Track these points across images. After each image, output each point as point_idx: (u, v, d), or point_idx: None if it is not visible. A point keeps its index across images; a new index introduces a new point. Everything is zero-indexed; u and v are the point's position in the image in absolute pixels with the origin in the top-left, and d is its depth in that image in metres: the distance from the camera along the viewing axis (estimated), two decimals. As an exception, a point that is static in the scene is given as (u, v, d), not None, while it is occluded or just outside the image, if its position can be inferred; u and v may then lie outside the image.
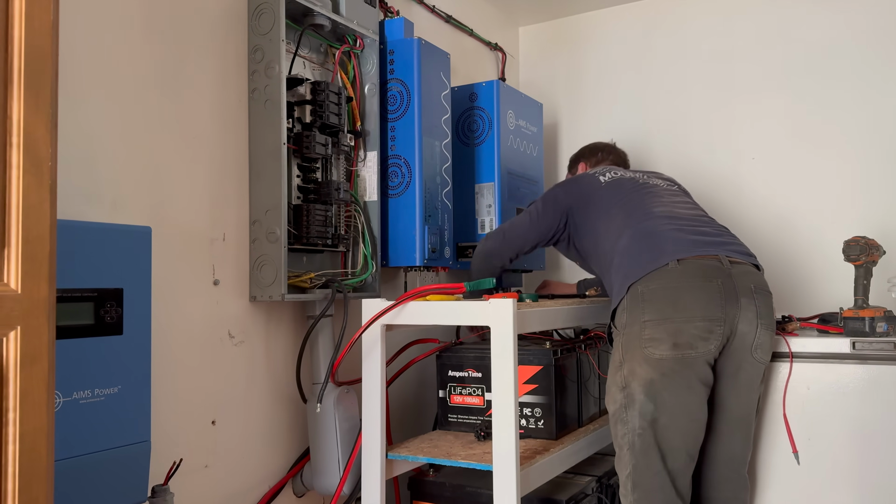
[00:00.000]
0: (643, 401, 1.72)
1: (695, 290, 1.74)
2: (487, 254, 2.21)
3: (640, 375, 1.73)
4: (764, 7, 2.90)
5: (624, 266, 1.85)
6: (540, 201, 2.18)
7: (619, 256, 1.88)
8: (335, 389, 1.95)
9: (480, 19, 3.07)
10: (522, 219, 2.18)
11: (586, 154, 2.54)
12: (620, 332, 1.82)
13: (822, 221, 2.76)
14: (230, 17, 1.86)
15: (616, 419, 1.78)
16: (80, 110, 1.51)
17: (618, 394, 1.77)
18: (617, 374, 1.79)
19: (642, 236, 1.88)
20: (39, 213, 0.90)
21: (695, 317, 1.73)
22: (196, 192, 1.76)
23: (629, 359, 1.76)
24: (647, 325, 1.74)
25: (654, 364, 1.71)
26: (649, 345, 1.73)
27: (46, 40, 0.93)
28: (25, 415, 0.87)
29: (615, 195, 2.06)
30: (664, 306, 1.74)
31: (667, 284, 1.76)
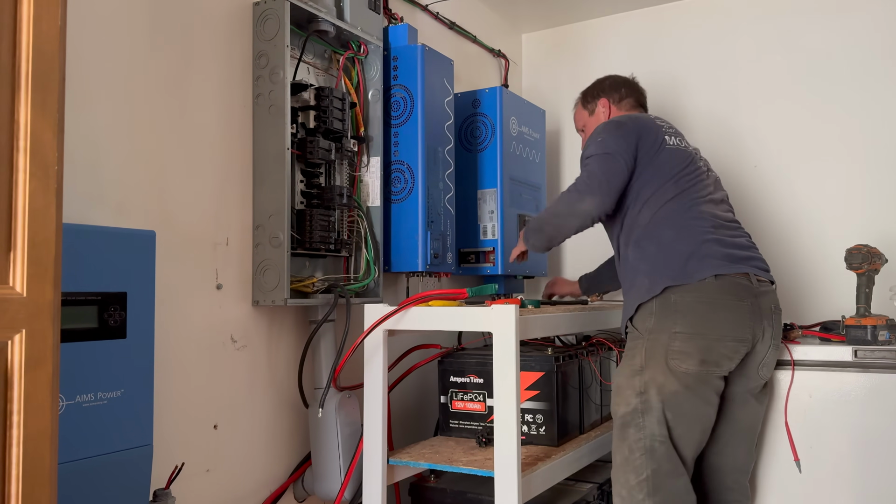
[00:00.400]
0: (663, 409, 1.71)
1: (728, 308, 1.74)
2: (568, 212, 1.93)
3: (663, 385, 1.72)
4: (767, 15, 2.90)
5: (662, 265, 1.79)
6: (601, 136, 1.95)
7: (659, 250, 1.81)
8: (337, 394, 1.95)
9: (484, 26, 3.08)
10: (592, 166, 1.91)
11: (607, 88, 2.28)
12: (643, 335, 1.78)
13: (824, 229, 2.76)
14: (235, 22, 1.87)
15: (628, 422, 1.75)
16: (86, 114, 1.52)
17: (633, 398, 1.75)
18: (635, 378, 1.76)
19: (688, 238, 1.81)
20: (45, 217, 0.91)
21: (726, 336, 1.74)
22: (200, 197, 1.77)
23: (651, 366, 1.74)
24: (678, 337, 1.73)
25: (679, 376, 1.71)
26: (677, 357, 1.71)
27: (54, 45, 0.93)
28: (29, 418, 0.88)
29: (674, 168, 1.91)
30: (697, 321, 1.73)
31: (702, 299, 1.74)
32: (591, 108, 2.29)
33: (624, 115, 2.09)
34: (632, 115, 2.09)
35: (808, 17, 2.83)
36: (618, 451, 1.79)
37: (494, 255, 2.57)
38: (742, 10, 2.95)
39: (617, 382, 1.82)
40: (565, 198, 1.94)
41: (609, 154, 1.89)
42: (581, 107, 2.34)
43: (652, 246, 1.83)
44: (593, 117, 2.27)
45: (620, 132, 1.94)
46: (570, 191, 1.92)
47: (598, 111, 2.26)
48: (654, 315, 1.77)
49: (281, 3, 1.85)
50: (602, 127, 2.00)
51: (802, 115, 2.82)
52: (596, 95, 2.28)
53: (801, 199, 2.81)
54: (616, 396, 1.81)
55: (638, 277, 1.83)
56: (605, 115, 2.22)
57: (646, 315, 1.79)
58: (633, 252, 1.87)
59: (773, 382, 1.97)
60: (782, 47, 2.87)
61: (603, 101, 2.26)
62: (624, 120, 2.01)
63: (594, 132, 2.00)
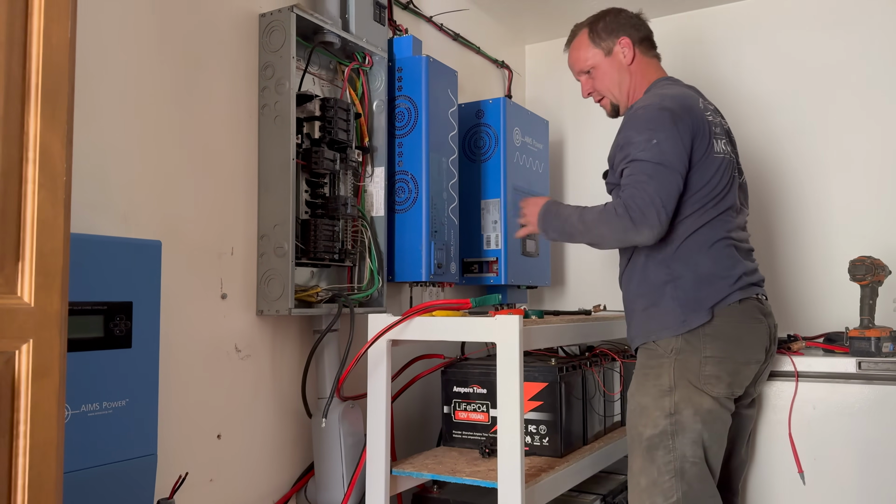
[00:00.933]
0: (699, 430, 1.65)
1: (751, 332, 1.72)
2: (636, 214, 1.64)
3: (699, 405, 1.65)
4: (769, 27, 2.91)
5: (698, 301, 1.68)
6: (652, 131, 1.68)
7: (696, 283, 1.69)
8: (340, 404, 1.95)
9: (487, 37, 3.10)
10: (646, 183, 1.64)
11: (625, 24, 1.90)
12: (668, 355, 1.69)
13: (828, 240, 2.76)
14: (242, 34, 1.88)
15: (656, 444, 1.67)
16: (93, 125, 1.53)
17: (662, 419, 1.67)
18: (664, 399, 1.67)
19: (723, 271, 1.70)
20: (54, 228, 0.91)
21: (750, 360, 1.72)
22: (206, 207, 1.78)
23: (682, 386, 1.67)
24: (709, 361, 1.67)
25: (710, 399, 1.67)
26: (708, 381, 1.66)
27: (63, 57, 0.94)
28: (36, 427, 0.88)
29: (716, 185, 1.73)
30: (727, 346, 1.68)
31: (729, 322, 1.69)
32: (606, 46, 1.89)
33: (672, 98, 1.74)
34: (681, 97, 1.76)
35: (805, 31, 2.84)
36: (643, 473, 1.69)
37: (498, 265, 2.57)
38: (745, 22, 2.96)
39: (641, 402, 1.71)
40: (616, 223, 1.66)
41: (666, 167, 1.65)
42: (589, 42, 1.92)
43: (688, 273, 1.70)
44: (610, 58, 1.90)
45: (677, 130, 1.67)
46: (621, 216, 1.64)
47: (616, 52, 1.89)
48: (682, 336, 1.69)
49: (287, 15, 1.86)
50: (653, 115, 1.70)
51: (806, 125, 2.83)
52: (613, 31, 1.89)
53: (806, 209, 2.82)
54: (640, 417, 1.71)
55: (664, 301, 1.71)
56: (627, 60, 1.88)
57: (673, 335, 1.71)
58: (657, 269, 1.74)
59: (776, 393, 1.97)
60: (785, 59, 2.87)
61: (625, 41, 1.88)
62: (677, 109, 1.71)
63: (641, 119, 1.71)
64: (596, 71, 1.93)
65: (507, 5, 3.02)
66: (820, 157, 2.80)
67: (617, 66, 1.90)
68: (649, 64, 1.92)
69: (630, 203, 1.64)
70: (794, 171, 2.84)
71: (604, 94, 1.96)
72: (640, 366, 1.76)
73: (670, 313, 1.70)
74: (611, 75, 1.92)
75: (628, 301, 1.85)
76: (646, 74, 1.91)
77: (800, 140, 2.84)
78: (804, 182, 2.83)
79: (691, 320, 1.68)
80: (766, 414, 1.99)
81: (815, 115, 2.81)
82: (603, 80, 1.93)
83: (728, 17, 3.00)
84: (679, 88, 1.85)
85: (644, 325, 1.76)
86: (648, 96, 1.82)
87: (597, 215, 1.71)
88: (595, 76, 1.94)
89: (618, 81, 1.92)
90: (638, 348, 1.80)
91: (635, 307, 1.80)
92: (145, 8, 1.65)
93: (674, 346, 1.69)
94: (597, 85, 1.95)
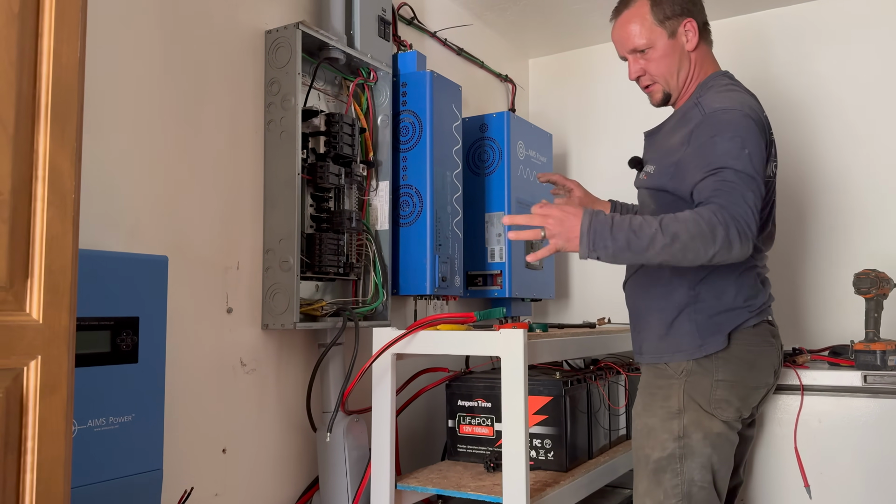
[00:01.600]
0: (708, 454, 1.60)
1: (763, 355, 1.67)
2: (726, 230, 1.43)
3: (709, 429, 1.61)
4: (769, 43, 2.93)
5: (717, 327, 1.62)
6: (741, 135, 1.52)
7: (718, 309, 1.63)
8: (345, 418, 1.95)
9: (491, 52, 3.12)
10: (742, 190, 1.46)
11: (693, 6, 1.71)
12: (677, 376, 1.64)
13: (833, 253, 2.76)
14: (248, 50, 1.90)
15: (664, 467, 1.62)
16: (101, 141, 1.54)
17: (670, 442, 1.62)
18: (672, 422, 1.62)
19: (746, 298, 1.64)
20: (62, 245, 0.92)
21: (760, 384, 1.67)
22: (212, 222, 1.79)
23: (692, 409, 1.61)
24: (720, 385, 1.61)
25: (720, 423, 1.63)
26: (719, 405, 1.61)
27: (73, 76, 0.96)
28: (43, 444, 0.89)
29: (764, 201, 1.62)
30: (739, 369, 1.63)
31: (743, 345, 1.63)
32: (671, 25, 1.68)
33: (751, 108, 1.59)
34: (756, 108, 1.62)
35: (768, 52, 2.85)
36: (648, 495, 1.66)
37: (502, 277, 2.58)
38: (749, 37, 2.98)
39: (648, 423, 1.66)
40: (719, 235, 1.42)
41: (757, 182, 1.49)
42: (651, 17, 1.68)
43: (711, 299, 1.63)
44: (673, 41, 1.69)
45: (762, 145, 1.55)
46: (726, 225, 1.42)
47: (680, 34, 1.69)
48: (693, 359, 1.65)
49: (293, 32, 1.88)
50: (740, 122, 1.54)
51: (813, 139, 2.83)
52: (679, 10, 1.68)
53: (810, 221, 2.82)
54: (647, 438, 1.66)
55: (682, 323, 1.64)
56: (690, 45, 1.69)
57: (685, 359, 1.66)
58: (680, 288, 1.65)
59: (782, 407, 1.96)
60: (790, 71, 2.89)
61: (691, 24, 1.68)
62: (758, 121, 1.57)
63: (725, 123, 1.54)
64: (654, 52, 1.70)
65: (510, 20, 3.04)
66: (825, 170, 2.80)
67: (679, 50, 1.69)
68: (708, 53, 1.74)
69: (736, 214, 1.43)
70: (800, 183, 2.85)
71: (657, 80, 1.73)
72: (647, 384, 1.70)
73: (687, 336, 1.63)
74: (671, 60, 1.70)
75: (639, 312, 1.75)
76: (704, 64, 1.72)
77: (805, 154, 2.84)
78: (809, 194, 2.83)
79: (708, 346, 1.61)
80: (772, 428, 1.98)
81: (819, 129, 2.82)
82: (660, 64, 1.70)
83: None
84: (749, 96, 1.66)
85: (657, 344, 1.68)
86: (720, 97, 1.62)
87: (689, 226, 1.43)
88: (651, 58, 1.71)
89: (677, 68, 1.70)
90: (644, 364, 1.75)
91: (649, 322, 1.70)
92: (153, 25, 1.67)
93: (685, 367, 1.63)
94: (651, 68, 1.72)
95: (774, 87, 2.90)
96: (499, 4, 2.89)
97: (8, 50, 0.88)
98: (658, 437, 1.64)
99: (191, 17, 1.76)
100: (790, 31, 2.89)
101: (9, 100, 0.88)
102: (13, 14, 0.88)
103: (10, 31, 0.88)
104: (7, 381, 0.86)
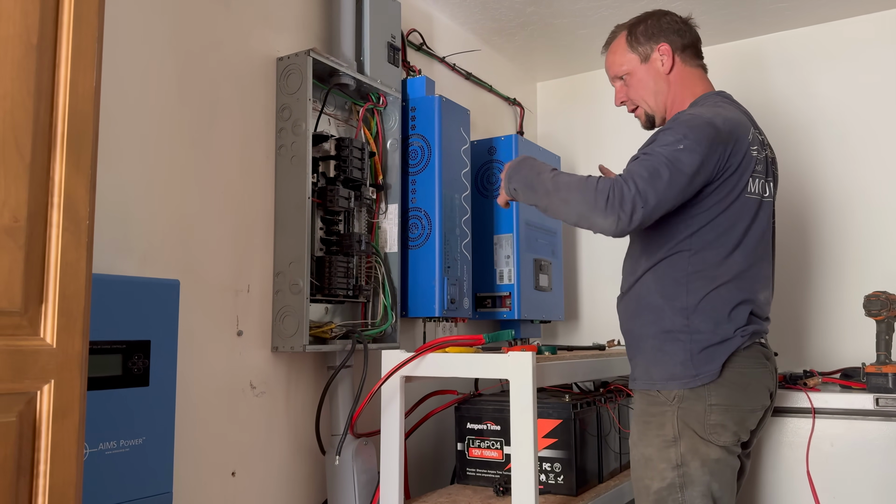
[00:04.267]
0: (708, 482, 1.57)
1: (757, 377, 1.64)
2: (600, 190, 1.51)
3: (706, 455, 1.58)
4: (750, 64, 2.94)
5: (711, 357, 1.60)
6: (682, 132, 1.56)
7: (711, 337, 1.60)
8: (354, 441, 1.95)
9: (499, 76, 3.15)
10: (647, 165, 1.53)
11: (667, 29, 1.77)
12: (672, 404, 1.61)
13: (843, 275, 2.74)
14: (259, 77, 1.93)
15: (664, 497, 1.60)
16: (114, 166, 1.57)
17: (669, 471, 1.59)
18: (669, 451, 1.59)
19: (739, 325, 1.62)
20: (76, 270, 0.94)
21: (756, 407, 1.65)
22: (223, 245, 1.81)
23: (688, 435, 1.59)
24: (714, 409, 1.58)
25: (717, 448, 1.60)
26: (714, 430, 1.58)
27: (89, 105, 0.98)
28: (55, 468, 0.89)
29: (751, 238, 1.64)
30: (732, 392, 1.60)
31: (735, 368, 1.61)
32: (643, 51, 1.77)
33: (725, 120, 1.62)
34: (734, 123, 1.64)
35: (770, 74, 2.86)
36: None
37: (511, 299, 2.58)
38: (755, 61, 3.00)
39: (644, 453, 1.63)
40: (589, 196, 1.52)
41: (677, 172, 1.52)
42: (627, 46, 1.79)
43: (707, 329, 1.61)
44: (647, 65, 1.78)
45: (719, 146, 1.58)
46: (600, 192, 1.51)
47: (654, 58, 1.77)
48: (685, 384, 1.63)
49: (304, 59, 1.91)
50: (696, 124, 1.58)
51: (823, 160, 2.84)
52: (652, 35, 1.76)
53: (820, 243, 2.81)
54: (645, 469, 1.63)
55: (676, 351, 1.62)
56: (665, 68, 1.76)
57: (675, 383, 1.64)
58: (674, 316, 1.63)
59: (793, 430, 1.95)
60: (797, 93, 2.90)
61: (664, 47, 1.75)
62: (723, 133, 1.59)
63: (681, 123, 1.60)
64: (630, 78, 1.81)
65: (518, 45, 3.08)
66: (836, 190, 2.80)
67: (654, 73, 1.77)
68: (692, 74, 1.77)
69: (616, 185, 1.51)
70: (807, 206, 2.84)
71: (637, 104, 1.82)
72: (641, 413, 1.67)
73: (680, 366, 1.61)
74: (646, 83, 1.78)
75: (633, 336, 1.74)
76: (688, 85, 1.76)
77: (816, 173, 2.84)
78: (819, 215, 2.83)
79: (703, 376, 1.59)
80: (784, 451, 1.97)
81: (830, 148, 2.82)
82: (637, 87, 1.80)
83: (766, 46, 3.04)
84: (735, 112, 1.69)
85: (649, 370, 1.66)
86: (702, 108, 1.67)
87: (574, 181, 1.57)
88: (629, 83, 1.81)
89: (653, 91, 1.78)
90: (635, 390, 1.72)
91: (642, 347, 1.69)
92: (166, 53, 1.70)
93: (677, 394, 1.60)
94: (630, 93, 1.82)
95: (775, 109, 2.91)
96: (507, 30, 2.92)
97: (26, 80, 0.90)
98: (656, 466, 1.61)
99: (204, 44, 1.79)
100: (789, 55, 2.90)
101: (26, 128, 0.90)
102: (32, 45, 0.91)
103: (28, 61, 0.90)
104: (20, 405, 0.87)
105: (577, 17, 2.80)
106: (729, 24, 2.86)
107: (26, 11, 0.90)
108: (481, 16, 2.79)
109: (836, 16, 2.81)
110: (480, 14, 2.78)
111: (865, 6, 2.73)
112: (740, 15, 2.78)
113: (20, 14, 0.90)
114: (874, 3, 2.70)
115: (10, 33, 0.89)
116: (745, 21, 2.84)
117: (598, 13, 2.77)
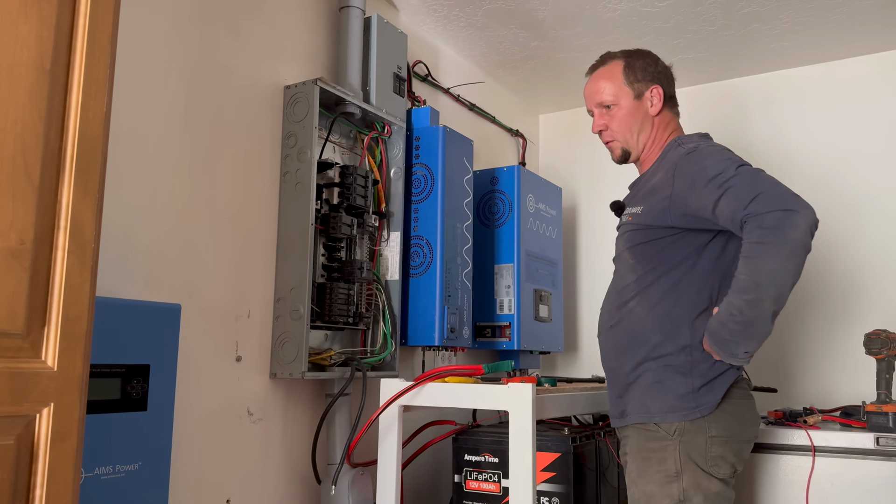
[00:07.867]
0: None
1: (748, 408, 1.66)
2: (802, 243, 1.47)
3: (708, 490, 1.56)
4: (781, 99, 2.98)
5: (710, 390, 1.59)
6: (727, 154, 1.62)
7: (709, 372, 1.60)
8: (350, 471, 1.93)
9: (502, 107, 3.18)
10: (758, 179, 1.53)
11: (662, 75, 1.80)
12: (673, 438, 1.59)
13: (843, 313, 2.74)
14: (266, 104, 1.95)
15: None
16: (119, 190, 1.58)
17: None
18: (672, 486, 1.57)
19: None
20: (80, 293, 0.94)
21: (751, 438, 1.65)
22: (226, 270, 1.81)
23: (689, 470, 1.57)
24: (715, 441, 1.57)
25: (717, 481, 1.59)
26: (715, 463, 1.57)
27: (99, 129, 0.99)
28: (52, 493, 0.89)
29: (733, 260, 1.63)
30: (731, 423, 1.60)
31: (731, 399, 1.61)
32: (638, 88, 1.77)
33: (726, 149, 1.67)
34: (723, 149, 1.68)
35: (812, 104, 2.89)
36: None
37: (511, 329, 2.57)
38: (757, 92, 3.03)
39: (645, 490, 1.61)
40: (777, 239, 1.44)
41: (760, 171, 1.55)
42: (622, 77, 1.78)
43: (707, 360, 1.60)
44: (638, 102, 1.77)
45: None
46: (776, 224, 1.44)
47: (646, 98, 1.77)
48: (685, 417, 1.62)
49: (311, 88, 1.93)
50: (720, 149, 1.65)
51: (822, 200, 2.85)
52: (649, 77, 1.77)
53: (819, 281, 2.81)
54: None
55: (676, 384, 1.61)
56: (654, 110, 1.76)
57: (675, 416, 1.62)
58: (672, 346, 1.62)
59: (793, 468, 1.93)
60: (786, 132, 2.93)
61: (657, 90, 1.77)
62: None
63: (706, 153, 1.63)
64: (618, 110, 1.77)
65: (521, 78, 3.11)
66: (836, 228, 2.81)
67: (642, 113, 1.77)
68: (673, 120, 1.81)
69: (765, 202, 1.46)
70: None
71: (616, 137, 1.80)
72: (639, 448, 1.63)
73: (681, 398, 1.59)
74: (633, 120, 1.77)
75: (622, 371, 1.69)
76: (667, 129, 1.79)
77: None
78: (819, 253, 2.83)
79: (703, 406, 1.58)
80: (783, 489, 1.95)
81: (828, 188, 2.84)
82: (622, 121, 1.77)
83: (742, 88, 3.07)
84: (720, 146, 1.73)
85: (645, 404, 1.63)
86: (690, 145, 1.70)
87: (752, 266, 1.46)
88: (615, 115, 1.78)
89: (638, 129, 1.77)
90: (627, 426, 1.67)
91: (636, 381, 1.65)
92: (175, 79, 1.72)
93: (678, 427, 1.58)
94: (614, 125, 1.79)
95: (756, 149, 2.93)
96: (510, 63, 2.96)
97: (38, 104, 0.91)
98: (659, 502, 1.59)
99: (212, 72, 1.81)
100: (767, 96, 2.94)
101: (35, 152, 0.91)
102: (44, 70, 0.92)
103: (41, 86, 0.92)
104: (19, 428, 0.87)
105: (580, 52, 2.84)
106: (728, 62, 2.89)
107: (41, 37, 0.92)
108: (486, 49, 2.83)
109: (821, 58, 2.84)
110: (485, 47, 2.82)
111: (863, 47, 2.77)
112: (728, 55, 2.82)
113: (35, 39, 0.91)
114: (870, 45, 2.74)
115: (24, 58, 0.90)
116: (739, 60, 2.88)
117: (601, 49, 2.79)
